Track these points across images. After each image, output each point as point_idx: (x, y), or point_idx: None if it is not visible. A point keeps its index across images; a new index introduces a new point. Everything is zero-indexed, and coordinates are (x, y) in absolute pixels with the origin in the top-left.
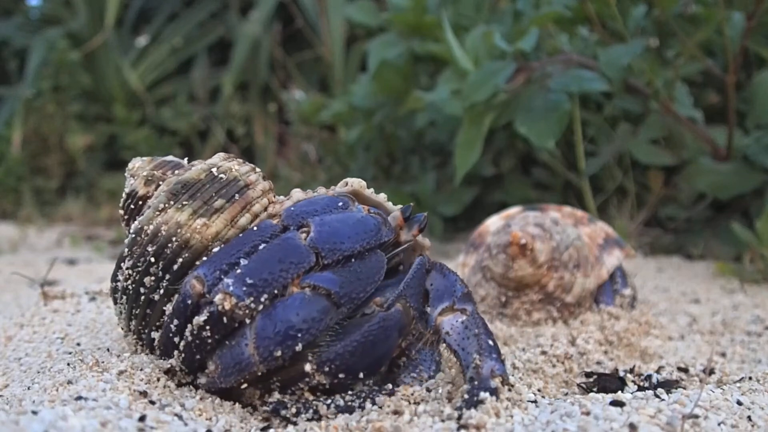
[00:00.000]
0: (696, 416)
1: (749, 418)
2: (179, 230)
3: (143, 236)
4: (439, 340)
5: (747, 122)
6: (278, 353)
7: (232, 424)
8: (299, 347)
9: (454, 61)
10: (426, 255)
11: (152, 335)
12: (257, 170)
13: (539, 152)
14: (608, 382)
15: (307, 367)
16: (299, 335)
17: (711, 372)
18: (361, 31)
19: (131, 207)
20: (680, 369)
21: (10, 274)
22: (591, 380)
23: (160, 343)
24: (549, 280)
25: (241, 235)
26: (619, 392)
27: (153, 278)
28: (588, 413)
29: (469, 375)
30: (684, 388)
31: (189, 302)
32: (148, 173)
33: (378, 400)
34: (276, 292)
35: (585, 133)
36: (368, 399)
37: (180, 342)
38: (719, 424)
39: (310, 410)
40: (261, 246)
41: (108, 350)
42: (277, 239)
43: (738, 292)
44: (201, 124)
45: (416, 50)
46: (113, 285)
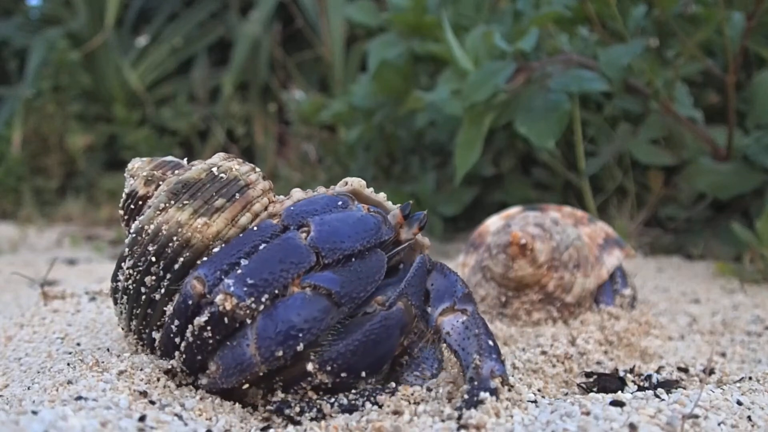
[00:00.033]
0: (696, 416)
1: (749, 418)
2: (180, 229)
3: (144, 236)
4: (440, 340)
5: (747, 122)
6: (280, 353)
7: (232, 424)
8: (301, 347)
9: (454, 61)
10: (426, 254)
11: (153, 335)
12: (257, 170)
13: (539, 152)
14: (608, 382)
15: (310, 367)
16: (300, 335)
17: (711, 372)
18: (361, 31)
19: (131, 207)
20: (680, 369)
21: (10, 274)
22: (591, 380)
23: (161, 344)
24: (549, 280)
25: (242, 235)
26: (619, 392)
27: (154, 278)
28: (588, 413)
29: (469, 375)
30: (684, 388)
31: (190, 303)
32: (148, 173)
33: (379, 400)
34: (277, 292)
35: (585, 133)
36: (372, 398)
37: (181, 343)
38: (719, 424)
39: (314, 409)
40: (261, 246)
41: (108, 350)
42: (278, 239)
43: (738, 292)
44: (201, 124)
45: (416, 50)
46: (113, 285)
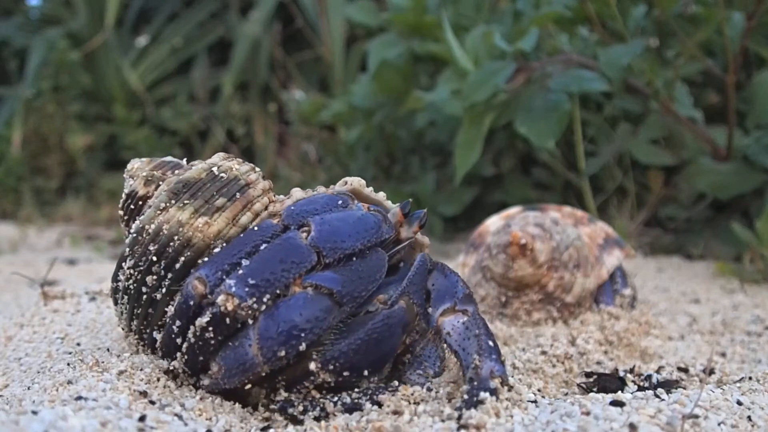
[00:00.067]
0: (696, 416)
1: (749, 418)
2: (181, 229)
3: (145, 235)
4: (440, 341)
5: (747, 122)
6: (282, 353)
7: (232, 424)
8: (303, 347)
9: (454, 61)
10: (426, 253)
11: (154, 335)
12: (257, 170)
13: (539, 152)
14: (608, 382)
15: (312, 366)
16: (303, 335)
17: (711, 372)
18: (361, 31)
19: (131, 207)
20: (680, 369)
21: (10, 274)
22: (591, 380)
23: (163, 345)
24: (549, 280)
25: (242, 235)
26: (619, 392)
27: (155, 277)
28: (588, 413)
29: (469, 375)
30: (684, 388)
31: (191, 303)
32: (148, 174)
33: (379, 399)
34: (278, 292)
35: (585, 133)
36: (374, 397)
37: (183, 343)
38: (719, 424)
39: (317, 408)
40: (262, 246)
41: (108, 350)
42: (278, 239)
43: (738, 292)
44: (201, 124)
45: (416, 50)
46: (114, 285)
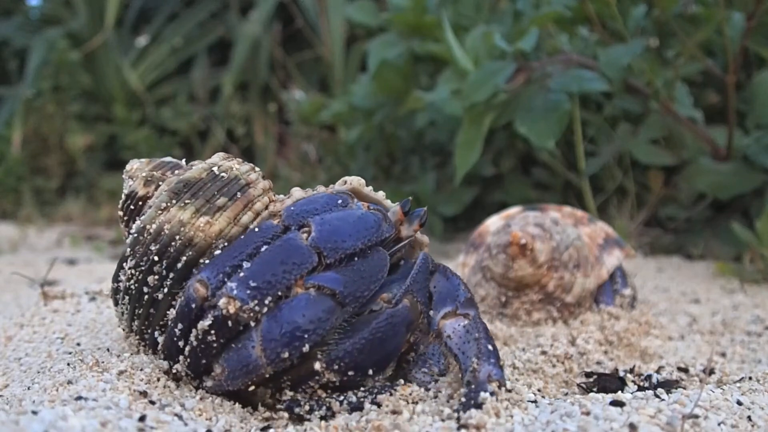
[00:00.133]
0: (696, 416)
1: (749, 418)
2: (183, 228)
3: (146, 235)
4: (441, 344)
5: (747, 122)
6: (285, 354)
7: (232, 424)
8: (306, 348)
9: (454, 61)
10: (427, 252)
11: (156, 335)
12: (256, 169)
13: (539, 152)
14: (608, 382)
15: (317, 366)
16: (306, 336)
17: (711, 372)
18: (361, 31)
19: (131, 208)
20: (680, 369)
21: (10, 274)
22: (591, 380)
23: (165, 348)
24: (549, 280)
25: (243, 237)
26: (619, 392)
27: (157, 277)
28: (588, 413)
29: (467, 379)
30: (684, 388)
31: (193, 306)
32: (147, 174)
33: (379, 399)
34: (280, 294)
35: (585, 133)
36: (379, 396)
37: (185, 346)
38: (719, 424)
39: (323, 407)
40: (263, 248)
41: (108, 350)
42: (279, 240)
43: (738, 292)
44: (201, 124)
45: (416, 50)
46: (115, 286)
